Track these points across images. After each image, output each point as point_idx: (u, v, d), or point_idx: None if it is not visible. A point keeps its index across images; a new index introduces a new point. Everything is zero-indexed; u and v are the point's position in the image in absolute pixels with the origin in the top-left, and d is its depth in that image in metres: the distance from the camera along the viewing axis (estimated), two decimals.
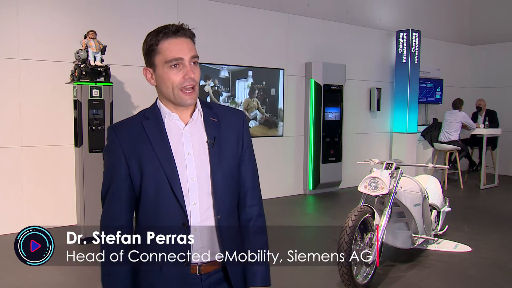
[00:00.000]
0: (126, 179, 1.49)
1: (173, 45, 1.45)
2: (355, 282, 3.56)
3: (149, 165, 1.46)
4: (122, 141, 1.49)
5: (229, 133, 1.56)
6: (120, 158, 1.48)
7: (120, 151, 1.48)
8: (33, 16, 5.21)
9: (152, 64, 1.48)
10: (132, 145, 1.48)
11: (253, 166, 1.64)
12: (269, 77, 7.06)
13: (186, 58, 1.45)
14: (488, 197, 7.61)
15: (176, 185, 1.45)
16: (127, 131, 1.51)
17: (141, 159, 1.47)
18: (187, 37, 1.48)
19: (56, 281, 3.91)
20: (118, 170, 1.49)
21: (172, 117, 1.51)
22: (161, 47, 1.45)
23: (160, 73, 1.47)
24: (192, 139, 1.51)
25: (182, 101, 1.47)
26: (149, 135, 1.48)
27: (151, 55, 1.48)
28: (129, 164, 1.48)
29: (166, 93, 1.49)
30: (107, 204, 1.51)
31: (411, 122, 8.51)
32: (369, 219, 3.77)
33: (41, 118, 5.31)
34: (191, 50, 1.47)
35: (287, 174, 7.44)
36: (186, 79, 1.45)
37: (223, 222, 1.50)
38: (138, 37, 6.34)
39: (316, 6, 7.62)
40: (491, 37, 10.17)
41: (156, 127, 1.50)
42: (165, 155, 1.46)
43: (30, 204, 5.28)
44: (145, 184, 1.47)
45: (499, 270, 4.23)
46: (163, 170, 1.45)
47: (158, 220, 1.47)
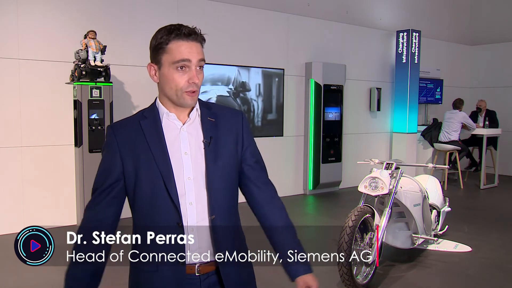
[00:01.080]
0: (119, 178, 1.49)
1: (183, 47, 1.44)
2: (355, 282, 3.56)
3: (144, 164, 1.46)
4: (119, 140, 1.49)
5: (226, 133, 1.55)
6: (116, 157, 1.49)
7: (117, 149, 1.49)
8: (33, 16, 5.21)
9: (158, 61, 1.48)
10: (129, 144, 1.48)
11: (258, 162, 1.62)
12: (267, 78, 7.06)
13: (193, 61, 1.45)
14: (488, 197, 7.61)
15: (170, 185, 1.45)
16: (125, 130, 1.51)
17: (137, 158, 1.47)
18: (198, 41, 1.47)
19: (56, 281, 3.90)
20: (112, 168, 1.49)
21: (170, 116, 1.51)
22: (171, 47, 1.44)
23: (165, 72, 1.47)
24: (189, 139, 1.50)
25: (184, 102, 1.47)
26: (146, 134, 1.48)
27: (158, 52, 1.47)
28: (124, 163, 1.48)
29: (168, 93, 1.49)
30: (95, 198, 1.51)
31: (411, 122, 8.51)
32: (369, 219, 3.77)
33: (41, 118, 5.31)
34: (199, 54, 1.46)
35: (287, 174, 7.44)
36: (190, 83, 1.45)
37: (218, 223, 1.48)
38: (138, 37, 6.36)
39: (316, 6, 7.62)
40: (491, 37, 10.17)
41: (154, 126, 1.50)
42: (161, 154, 1.46)
43: (30, 204, 5.28)
44: (140, 183, 1.47)
45: (499, 270, 4.22)
46: (158, 170, 1.45)
47: (153, 220, 1.47)
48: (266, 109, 7.11)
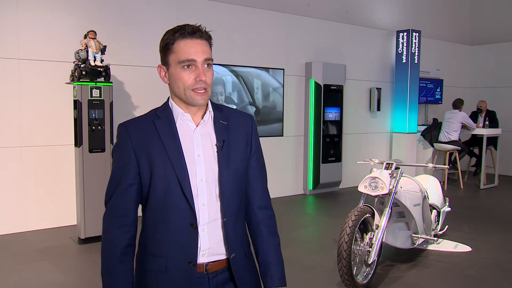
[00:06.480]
0: (135, 177, 1.48)
1: (188, 46, 1.44)
2: (355, 282, 3.56)
3: (159, 165, 1.46)
4: (133, 139, 1.49)
5: (238, 136, 1.57)
6: (131, 156, 1.48)
7: (131, 149, 1.48)
8: (33, 16, 5.21)
9: (166, 62, 1.49)
10: (143, 144, 1.48)
11: (261, 169, 1.64)
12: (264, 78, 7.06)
13: (199, 60, 1.45)
14: (488, 197, 7.61)
15: (186, 186, 1.45)
16: (138, 129, 1.50)
17: (151, 158, 1.47)
18: (203, 39, 1.47)
19: (56, 281, 3.90)
20: (128, 168, 1.48)
21: (185, 117, 1.52)
22: (176, 47, 1.45)
23: (172, 72, 1.47)
24: (202, 141, 1.51)
25: (193, 101, 1.47)
26: (161, 134, 1.48)
27: (166, 53, 1.48)
28: (139, 162, 1.47)
29: (177, 93, 1.49)
30: (115, 200, 1.49)
31: (411, 122, 8.51)
32: (369, 219, 3.77)
33: (41, 118, 5.31)
34: (205, 52, 1.46)
35: (287, 174, 7.44)
36: (197, 81, 1.45)
37: (230, 225, 1.51)
38: (138, 37, 6.37)
39: (316, 6, 7.62)
40: (491, 37, 10.17)
41: (168, 127, 1.50)
42: (176, 155, 1.46)
43: (30, 204, 5.28)
44: (154, 184, 1.47)
45: (499, 270, 4.22)
46: (173, 171, 1.45)
47: (166, 220, 1.47)
48: (266, 109, 7.11)
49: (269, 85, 7.10)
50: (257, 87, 6.98)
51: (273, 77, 7.13)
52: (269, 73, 7.08)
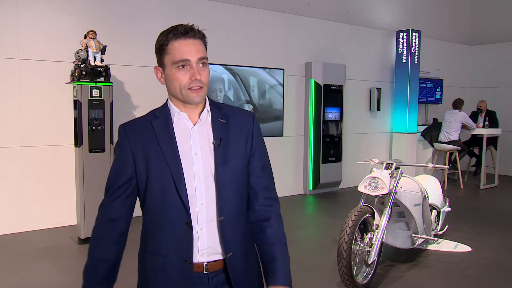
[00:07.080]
0: (132, 177, 1.51)
1: (182, 46, 1.45)
2: (355, 282, 3.56)
3: (155, 164, 1.48)
4: (130, 139, 1.51)
5: (237, 134, 1.56)
6: (128, 156, 1.51)
7: (128, 149, 1.51)
8: (33, 16, 5.21)
9: (162, 63, 1.50)
10: (140, 144, 1.50)
11: (264, 167, 1.61)
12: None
13: (193, 59, 1.45)
14: (488, 197, 7.61)
15: (180, 185, 1.46)
16: (136, 130, 1.53)
17: (148, 158, 1.49)
18: (197, 38, 1.48)
19: (56, 281, 3.90)
20: (125, 167, 1.51)
21: (181, 116, 1.52)
22: (170, 47, 1.46)
23: (168, 73, 1.49)
24: (199, 140, 1.52)
25: (190, 99, 1.48)
26: (157, 134, 1.50)
27: (161, 55, 1.49)
28: (136, 162, 1.50)
29: (174, 93, 1.50)
30: (109, 196, 1.53)
31: (411, 122, 8.51)
32: (369, 219, 3.77)
33: (41, 118, 5.31)
34: (199, 51, 1.47)
35: (287, 174, 7.44)
36: (192, 80, 1.46)
37: (227, 224, 1.50)
38: (138, 37, 6.36)
39: (316, 6, 7.62)
40: (492, 37, 10.17)
41: (165, 126, 1.51)
42: (172, 155, 1.47)
43: (30, 204, 5.28)
44: (150, 183, 1.49)
45: (499, 270, 4.22)
46: (168, 170, 1.46)
47: (163, 219, 1.49)
48: (263, 107, 7.11)
49: (265, 82, 7.10)
50: (253, 85, 6.97)
51: (269, 75, 7.12)
52: (266, 70, 7.08)
